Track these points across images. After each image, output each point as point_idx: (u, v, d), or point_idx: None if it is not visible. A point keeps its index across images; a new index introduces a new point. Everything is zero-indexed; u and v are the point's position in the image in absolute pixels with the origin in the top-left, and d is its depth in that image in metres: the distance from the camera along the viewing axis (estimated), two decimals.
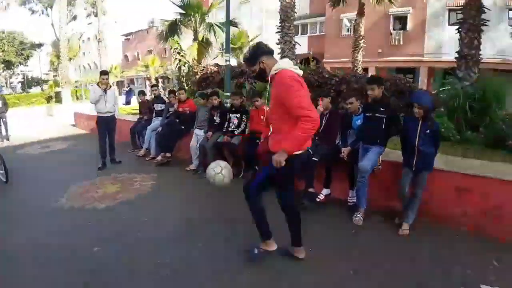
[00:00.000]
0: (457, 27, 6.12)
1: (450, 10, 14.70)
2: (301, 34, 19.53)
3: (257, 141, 4.27)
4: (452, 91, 5.64)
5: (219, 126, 4.79)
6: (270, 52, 2.25)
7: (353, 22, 14.60)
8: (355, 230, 3.15)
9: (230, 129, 4.68)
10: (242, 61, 2.34)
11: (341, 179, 3.74)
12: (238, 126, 4.64)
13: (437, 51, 15.18)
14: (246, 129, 4.63)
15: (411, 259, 2.63)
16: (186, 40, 11.68)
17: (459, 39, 6.04)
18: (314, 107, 2.22)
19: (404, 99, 5.40)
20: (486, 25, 5.98)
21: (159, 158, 5.34)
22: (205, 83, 8.58)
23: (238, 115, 4.66)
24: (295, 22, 8.32)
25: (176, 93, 5.51)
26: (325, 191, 3.70)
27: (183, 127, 5.34)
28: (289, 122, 2.12)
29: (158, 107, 5.94)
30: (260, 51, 2.21)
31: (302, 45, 17.91)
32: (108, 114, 5.15)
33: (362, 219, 3.28)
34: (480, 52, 5.96)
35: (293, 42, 7.58)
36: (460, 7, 6.30)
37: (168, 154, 5.25)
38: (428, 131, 3.04)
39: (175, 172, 4.94)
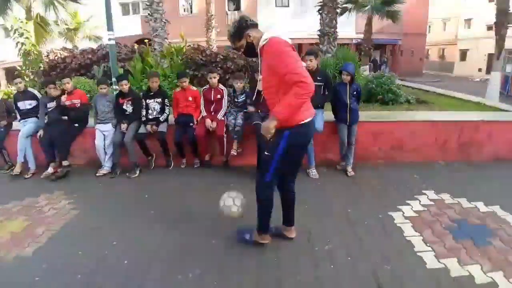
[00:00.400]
0: (318, 9, 7.42)
1: None
2: (133, 14, 18.07)
3: (191, 124, 3.94)
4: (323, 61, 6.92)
5: (132, 116, 4.03)
6: (255, 24, 2.17)
7: (190, 2, 14.72)
8: (320, 182, 3.74)
9: (151, 117, 4.05)
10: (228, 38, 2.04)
11: None
12: (162, 111, 4.07)
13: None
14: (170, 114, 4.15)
15: (372, 188, 3.64)
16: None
17: (320, 20, 7.37)
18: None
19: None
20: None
21: (50, 170, 4.07)
22: (56, 71, 6.74)
23: (159, 99, 4.07)
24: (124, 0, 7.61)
25: (57, 84, 4.25)
26: None
27: (76, 124, 4.16)
28: (278, 93, 2.09)
29: (26, 105, 4.32)
30: (245, 24, 2.11)
31: (135, 26, 16.68)
32: None
33: (316, 173, 3.94)
34: (337, 30, 7.47)
35: (163, 20, 7.01)
36: None
37: (65, 162, 4.05)
38: (354, 92, 3.81)
39: (87, 183, 3.89)
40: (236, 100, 4.10)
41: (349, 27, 18.46)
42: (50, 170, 4.07)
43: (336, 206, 3.22)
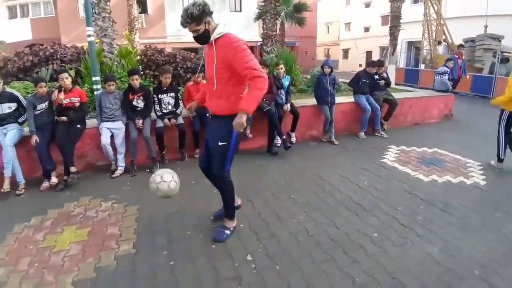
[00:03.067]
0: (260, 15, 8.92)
1: None
2: (21, 17, 16.18)
3: (208, 114, 4.68)
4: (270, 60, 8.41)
5: (144, 111, 4.50)
6: (212, 13, 2.36)
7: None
8: (320, 149, 5.34)
9: (166, 111, 4.62)
10: (182, 19, 2.28)
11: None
12: (177, 105, 4.68)
13: (177, 33, 18.47)
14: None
15: (356, 149, 5.35)
16: None
17: (263, 24, 8.90)
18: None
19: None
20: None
21: (53, 180, 4.02)
22: None
23: (172, 93, 4.66)
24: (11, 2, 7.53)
25: (59, 78, 4.20)
26: (293, 135, 5.28)
27: (78, 125, 4.28)
28: (237, 86, 2.39)
29: (5, 108, 4.00)
30: (207, 10, 2.27)
31: (23, 30, 15.35)
32: None
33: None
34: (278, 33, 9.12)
35: (111, 20, 7.19)
36: None
37: (73, 168, 4.07)
38: (333, 80, 5.39)
39: (111, 184, 4.05)
40: None
41: (254, 31, 20.86)
42: (54, 180, 4.02)
43: (345, 160, 4.76)
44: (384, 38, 21.02)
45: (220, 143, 2.45)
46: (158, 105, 4.61)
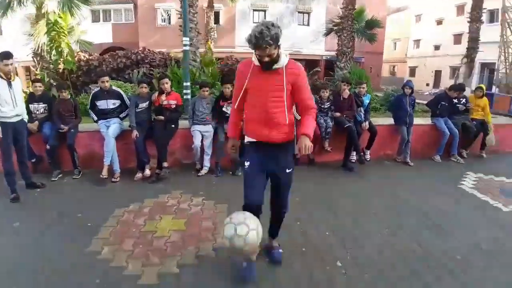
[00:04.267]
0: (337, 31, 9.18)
1: (254, 10, 19.10)
2: (103, 21, 18.20)
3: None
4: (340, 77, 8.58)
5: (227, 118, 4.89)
6: None
7: (169, 12, 15.66)
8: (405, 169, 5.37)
9: None
10: (263, 40, 1.94)
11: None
12: None
13: (245, 43, 19.38)
14: None
15: (431, 171, 5.41)
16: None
17: (338, 41, 9.11)
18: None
19: None
20: None
21: (147, 172, 4.59)
22: (88, 74, 7.10)
23: None
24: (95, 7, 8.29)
25: (160, 83, 4.81)
26: (368, 152, 5.35)
27: (173, 125, 4.83)
28: (289, 112, 2.33)
29: (110, 104, 4.65)
30: (281, 34, 2.10)
31: (104, 33, 17.05)
32: (17, 119, 3.88)
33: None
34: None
35: (197, 30, 7.91)
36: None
37: (165, 164, 4.59)
38: (412, 101, 5.67)
39: (199, 182, 4.48)
40: (322, 106, 5.32)
41: (318, 45, 21.10)
42: (147, 172, 4.57)
43: (423, 182, 4.77)
44: (456, 57, 19.90)
45: (288, 170, 2.39)
46: None
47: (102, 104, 4.66)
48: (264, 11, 20.68)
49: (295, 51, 20.20)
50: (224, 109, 4.90)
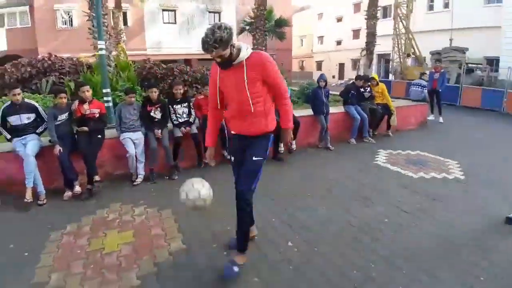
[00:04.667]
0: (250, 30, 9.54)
1: (163, 10, 18.55)
2: None
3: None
4: None
5: (162, 122, 4.84)
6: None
7: (70, 13, 14.39)
8: (322, 154, 5.86)
9: (181, 121, 4.98)
10: (207, 44, 2.07)
11: None
12: (190, 114, 5.07)
13: (156, 45, 18.84)
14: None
15: (350, 153, 6.06)
16: None
17: (253, 39, 9.50)
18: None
19: None
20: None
21: (77, 189, 4.20)
22: None
23: (185, 104, 5.05)
24: None
25: (80, 91, 4.44)
26: (293, 142, 5.91)
27: (99, 136, 4.55)
28: (267, 102, 2.38)
29: (24, 119, 4.15)
30: (232, 34, 2.17)
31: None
32: None
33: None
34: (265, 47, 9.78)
35: (109, 33, 7.46)
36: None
37: (97, 177, 4.27)
38: (327, 93, 6.03)
39: (135, 192, 4.32)
40: None
41: None
42: (78, 189, 4.20)
43: (345, 163, 5.36)
44: (355, 51, 22.41)
45: (254, 158, 2.43)
46: (174, 115, 4.97)
47: (15, 119, 4.15)
48: (174, 11, 20.28)
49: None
50: (152, 114, 4.80)
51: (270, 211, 3.61)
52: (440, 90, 9.10)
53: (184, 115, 5.03)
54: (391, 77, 18.26)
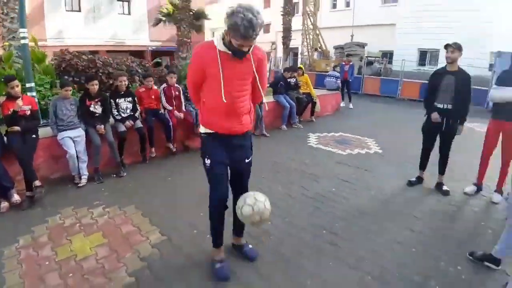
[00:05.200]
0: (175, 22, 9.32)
1: None
2: None
3: (154, 117, 5.11)
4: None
5: (103, 117, 4.57)
6: None
7: None
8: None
9: (125, 115, 4.80)
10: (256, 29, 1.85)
11: None
12: (135, 109, 4.91)
13: (59, 35, 16.82)
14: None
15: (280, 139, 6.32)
16: None
17: (177, 31, 9.34)
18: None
19: None
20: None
21: (16, 198, 3.70)
22: None
23: (129, 98, 4.86)
24: None
25: (9, 86, 3.87)
26: None
27: (33, 135, 4.10)
28: (249, 98, 2.30)
29: None
30: None
31: None
32: None
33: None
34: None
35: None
36: None
37: (38, 182, 3.79)
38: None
39: (85, 195, 4.01)
40: (188, 95, 5.61)
41: (142, 35, 20.50)
42: (17, 197, 3.72)
43: (284, 147, 5.88)
44: (266, 44, 23.52)
45: (247, 160, 2.41)
46: (115, 110, 4.76)
47: None
48: None
49: (118, 42, 19.00)
50: (92, 109, 4.51)
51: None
52: (350, 80, 10.40)
53: (128, 110, 4.86)
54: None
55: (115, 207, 3.63)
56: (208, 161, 2.27)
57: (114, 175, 4.55)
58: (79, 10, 18.27)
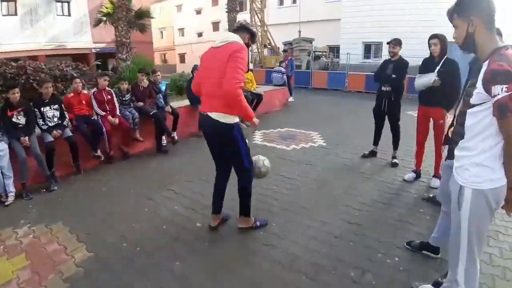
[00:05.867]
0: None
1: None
2: None
3: (86, 124, 4.82)
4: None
5: (26, 128, 4.19)
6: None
7: None
8: None
9: (52, 124, 4.44)
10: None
11: None
12: (62, 117, 4.56)
13: None
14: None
15: None
16: None
17: (115, 31, 8.82)
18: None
19: None
20: None
21: None
22: None
23: (56, 105, 4.50)
24: None
25: None
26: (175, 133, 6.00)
27: None
28: None
29: None
30: None
31: None
32: None
33: None
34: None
35: None
36: None
37: None
38: None
39: (11, 215, 3.65)
40: (123, 98, 5.36)
41: (85, 37, 19.39)
42: None
43: None
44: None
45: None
46: (41, 119, 4.40)
47: None
48: (14, 1, 16.77)
49: (59, 46, 17.78)
50: (14, 119, 4.12)
51: (177, 196, 3.78)
52: (290, 75, 10.60)
53: (55, 118, 4.50)
54: (251, 66, 19.87)
55: (41, 225, 3.36)
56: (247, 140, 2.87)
57: (44, 190, 4.21)
58: (15, 14, 16.82)
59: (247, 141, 2.87)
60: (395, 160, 4.78)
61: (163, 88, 5.97)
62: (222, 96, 2.54)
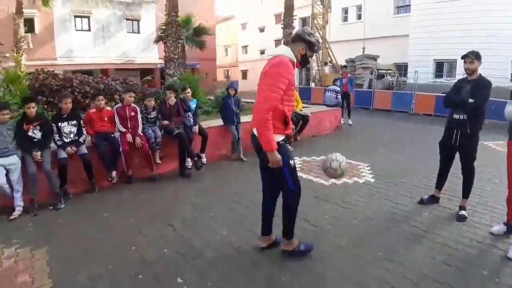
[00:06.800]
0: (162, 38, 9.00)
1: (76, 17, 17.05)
2: None
3: (105, 141, 4.59)
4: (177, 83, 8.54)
5: (42, 142, 4.11)
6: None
7: None
8: (233, 166, 5.60)
9: (68, 140, 4.30)
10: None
11: None
12: (80, 133, 4.42)
13: (69, 54, 17.24)
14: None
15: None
16: None
17: (164, 47, 8.99)
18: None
19: None
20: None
21: None
22: None
23: (74, 121, 4.38)
24: None
25: None
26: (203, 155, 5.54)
27: None
28: None
29: None
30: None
31: None
32: None
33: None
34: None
35: None
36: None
37: None
38: (237, 101, 5.90)
39: (6, 231, 3.48)
40: (148, 116, 5.09)
41: (152, 53, 20.69)
42: None
43: (257, 174, 4.94)
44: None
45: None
46: (57, 135, 4.28)
47: None
48: (88, 17, 18.79)
49: (128, 61, 19.22)
50: (30, 133, 4.06)
51: (164, 239, 3.24)
52: (350, 93, 9.63)
53: (71, 135, 4.36)
54: (312, 84, 19.14)
55: (27, 249, 3.11)
56: (292, 162, 2.63)
57: (51, 207, 4.04)
58: (89, 30, 18.68)
59: (292, 161, 2.63)
60: (463, 212, 3.62)
61: (193, 106, 5.62)
62: None
